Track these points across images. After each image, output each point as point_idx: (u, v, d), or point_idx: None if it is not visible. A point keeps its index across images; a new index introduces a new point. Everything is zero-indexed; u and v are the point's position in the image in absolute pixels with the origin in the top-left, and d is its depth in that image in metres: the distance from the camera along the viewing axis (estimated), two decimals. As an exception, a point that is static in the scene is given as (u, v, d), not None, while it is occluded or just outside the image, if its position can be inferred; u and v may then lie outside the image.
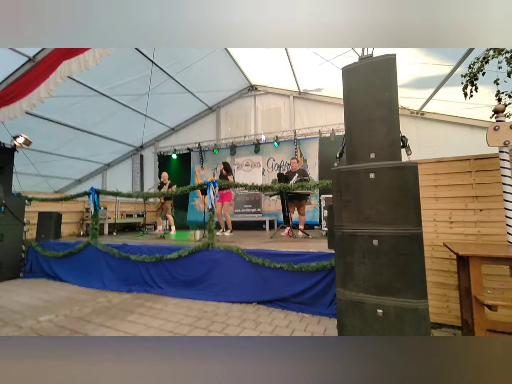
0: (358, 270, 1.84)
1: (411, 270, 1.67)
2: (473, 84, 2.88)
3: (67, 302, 3.34)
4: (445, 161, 2.44)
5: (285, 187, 3.80)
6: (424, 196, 2.22)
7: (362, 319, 1.81)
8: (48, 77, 4.38)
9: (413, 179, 1.73)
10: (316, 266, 2.85)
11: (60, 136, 6.96)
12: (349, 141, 2.09)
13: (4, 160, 4.78)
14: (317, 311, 2.80)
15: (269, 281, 3.07)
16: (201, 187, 4.01)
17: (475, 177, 2.32)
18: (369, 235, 1.83)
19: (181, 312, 2.92)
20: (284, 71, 6.51)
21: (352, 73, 2.09)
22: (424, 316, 1.62)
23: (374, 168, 1.83)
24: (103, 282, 3.98)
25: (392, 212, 1.76)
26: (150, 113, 7.40)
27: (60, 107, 5.99)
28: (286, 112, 7.70)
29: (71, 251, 4.40)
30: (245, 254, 3.26)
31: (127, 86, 6.22)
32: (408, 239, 1.69)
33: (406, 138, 1.97)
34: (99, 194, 4.58)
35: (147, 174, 9.22)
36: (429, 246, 2.40)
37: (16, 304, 3.28)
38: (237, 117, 8.33)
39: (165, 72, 6.25)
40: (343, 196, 1.97)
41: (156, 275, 3.75)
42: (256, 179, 7.42)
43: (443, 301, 2.38)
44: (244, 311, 2.93)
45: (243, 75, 7.42)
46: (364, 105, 2.00)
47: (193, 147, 8.34)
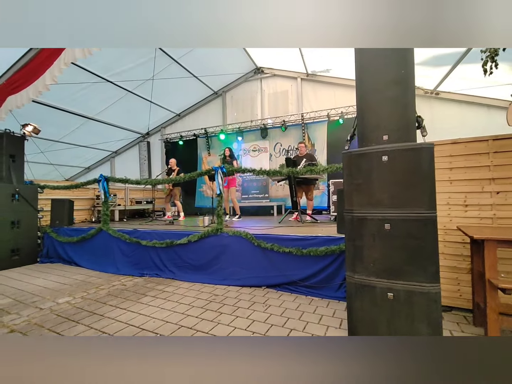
0: (368, 253, 1.83)
1: (424, 255, 1.64)
2: (493, 60, 2.71)
3: (83, 285, 3.48)
4: (461, 142, 2.34)
5: (293, 171, 3.75)
6: (438, 179, 2.15)
7: (371, 302, 1.82)
8: (52, 63, 4.34)
9: (429, 161, 1.67)
10: (325, 251, 2.85)
11: (67, 124, 7.00)
12: (361, 123, 2.01)
13: (15, 149, 4.86)
14: (326, 295, 2.84)
15: (278, 266, 3.11)
16: (209, 173, 4.01)
17: (493, 158, 2.22)
18: (380, 219, 1.80)
19: (192, 295, 3.00)
20: (291, 52, 6.26)
21: (365, 51, 1.99)
22: (436, 300, 1.61)
23: (388, 150, 1.77)
24: (117, 266, 4.10)
25: (406, 195, 1.72)
26: (155, 99, 7.33)
27: (66, 94, 5.98)
28: (294, 95, 7.49)
29: (84, 237, 4.53)
30: (253, 239, 3.28)
31: (131, 71, 6.12)
32: (422, 222, 1.65)
33: (422, 118, 1.89)
34: (108, 181, 4.64)
35: (154, 161, 9.26)
36: (442, 230, 2.35)
37: (35, 287, 3.44)
38: (243, 102, 8.16)
39: (169, 56, 6.11)
40: (354, 180, 1.92)
41: (167, 259, 3.84)
42: (264, 164, 7.36)
43: (455, 284, 2.37)
44: (254, 294, 2.99)
45: (249, 58, 7.19)
46: (378, 84, 1.91)
47: (199, 133, 8.27)
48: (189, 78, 7.05)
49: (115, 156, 9.55)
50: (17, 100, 4.70)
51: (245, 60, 7.25)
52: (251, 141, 7.79)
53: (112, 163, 9.57)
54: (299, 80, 7.34)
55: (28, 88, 4.56)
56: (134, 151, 9.45)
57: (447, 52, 4.52)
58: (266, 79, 7.86)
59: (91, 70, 5.70)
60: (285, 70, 7.48)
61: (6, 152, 4.68)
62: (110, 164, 9.58)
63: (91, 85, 6.01)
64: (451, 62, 4.70)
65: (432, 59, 4.76)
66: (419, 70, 5.06)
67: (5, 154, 4.67)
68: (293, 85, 7.48)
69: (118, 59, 5.72)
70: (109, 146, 8.85)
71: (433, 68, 5.06)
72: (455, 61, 4.63)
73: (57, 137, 7.29)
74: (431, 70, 5.11)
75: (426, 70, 5.12)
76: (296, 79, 7.38)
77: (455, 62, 4.63)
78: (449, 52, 4.49)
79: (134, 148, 9.46)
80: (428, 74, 5.25)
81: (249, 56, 7.11)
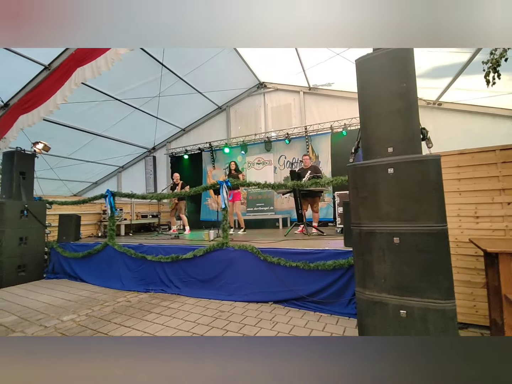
0: (378, 269, 1.78)
1: (437, 269, 1.59)
2: (495, 70, 2.72)
3: (88, 302, 3.44)
4: (468, 152, 2.32)
5: (298, 184, 3.75)
6: (447, 190, 2.11)
7: (384, 320, 1.75)
8: (63, 84, 4.51)
9: (436, 172, 1.65)
10: (333, 265, 2.79)
11: (76, 140, 7.18)
12: (364, 136, 2.01)
13: (25, 166, 4.97)
14: (335, 311, 2.75)
15: (285, 280, 3.04)
16: (214, 187, 4.03)
17: (501, 168, 2.19)
18: (389, 233, 1.76)
19: (197, 312, 2.94)
20: (293, 67, 6.41)
21: (366, 64, 2.02)
22: (452, 317, 1.55)
23: (393, 162, 1.76)
24: (122, 282, 4.07)
25: (414, 208, 1.68)
26: (161, 115, 7.50)
27: (75, 113, 6.17)
28: (296, 108, 7.60)
29: (90, 252, 4.54)
30: (259, 253, 3.24)
31: (138, 89, 6.31)
32: (433, 236, 1.61)
33: (427, 130, 1.88)
34: (115, 196, 4.69)
35: (160, 175, 9.37)
36: (454, 243, 2.29)
37: (40, 304, 3.41)
38: (247, 116, 8.30)
39: (174, 74, 6.30)
40: (360, 193, 1.90)
41: (172, 274, 3.80)
42: (268, 177, 7.38)
43: (470, 300, 2.27)
44: (260, 310, 2.92)
45: (252, 73, 7.37)
46: (380, 98, 1.92)
47: (204, 147, 8.39)
48: (194, 94, 7.23)
49: (122, 171, 9.70)
50: (29, 119, 4.87)
51: (248, 75, 7.43)
52: (256, 154, 7.85)
53: (119, 177, 9.71)
54: (301, 93, 7.46)
55: (39, 108, 4.73)
56: (140, 165, 9.60)
57: (447, 64, 4.56)
58: (269, 93, 8.02)
59: (100, 89, 5.90)
60: (288, 85, 7.63)
61: (16, 169, 4.79)
62: (117, 179, 9.72)
63: (100, 103, 6.20)
64: (452, 74, 4.73)
65: (432, 71, 4.80)
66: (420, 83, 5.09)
67: (16, 171, 4.78)
68: (296, 99, 7.61)
69: (126, 78, 5.92)
70: (116, 161, 9.02)
71: (433, 80, 5.10)
72: (455, 73, 4.66)
73: (66, 153, 7.47)
74: (432, 81, 5.15)
75: (427, 82, 5.17)
76: (298, 92, 7.51)
77: (456, 73, 4.66)
78: (449, 63, 4.53)
79: (141, 163, 9.61)
80: (429, 86, 5.29)
81: (252, 71, 7.29)
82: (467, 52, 4.16)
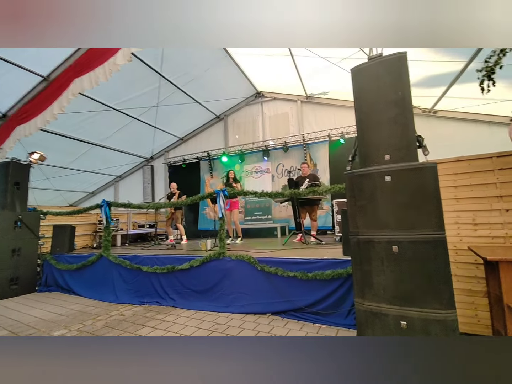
0: (377, 279, 1.73)
1: (436, 278, 1.55)
2: (490, 78, 2.75)
3: (80, 316, 3.34)
4: (465, 159, 2.31)
5: (295, 193, 3.72)
6: (444, 197, 2.09)
7: (384, 331, 1.70)
8: (61, 94, 4.52)
9: (433, 180, 1.63)
10: (331, 274, 2.73)
11: (73, 150, 7.16)
12: (361, 144, 2.01)
13: (20, 176, 4.93)
14: (334, 322, 2.68)
15: (283, 291, 2.97)
16: (210, 196, 3.99)
17: (499, 175, 2.18)
18: (387, 241, 1.73)
19: (193, 325, 2.86)
20: (290, 76, 6.49)
21: (362, 73, 2.03)
22: (453, 329, 1.50)
23: (390, 170, 1.74)
24: (116, 294, 3.97)
25: (412, 216, 1.66)
26: (159, 125, 7.53)
27: (73, 122, 6.18)
28: (294, 117, 7.66)
29: (84, 264, 4.44)
30: (257, 263, 3.18)
31: (136, 99, 6.35)
32: (431, 244, 1.58)
33: (422, 138, 1.87)
34: (111, 206, 4.64)
35: (158, 184, 9.33)
36: (453, 251, 2.25)
37: (31, 318, 3.31)
38: (245, 125, 8.35)
39: (173, 84, 6.36)
40: (358, 201, 1.88)
41: (168, 286, 3.71)
42: (266, 186, 7.35)
43: (471, 309, 2.22)
44: (258, 322, 2.83)
45: (249, 83, 7.46)
46: (376, 106, 1.92)
47: (202, 156, 8.39)
48: (192, 103, 7.29)
49: (119, 180, 9.66)
50: (25, 130, 4.86)
51: (245, 85, 7.52)
52: (253, 162, 7.86)
53: (116, 187, 9.66)
54: (299, 102, 7.54)
55: (36, 118, 4.72)
56: (138, 175, 9.57)
57: (442, 73, 4.63)
58: (266, 102, 8.09)
59: (98, 99, 5.93)
60: (285, 94, 7.71)
61: (11, 180, 4.75)
62: (114, 188, 9.67)
63: (98, 113, 6.22)
64: (446, 82, 4.80)
65: (427, 80, 4.87)
66: (415, 91, 5.15)
67: (10, 182, 4.74)
68: (293, 108, 7.68)
69: (124, 88, 5.96)
70: (113, 170, 8.99)
71: (428, 89, 5.17)
72: (450, 81, 4.73)
73: (63, 163, 7.44)
74: (427, 90, 5.22)
75: (422, 91, 5.23)
76: (296, 101, 7.59)
77: (450, 82, 4.73)
78: (444, 72, 4.60)
79: (138, 172, 9.58)
80: (425, 94, 5.36)
81: (250, 81, 7.38)
82: (461, 61, 4.22)
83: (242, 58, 6.23)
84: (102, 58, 4.08)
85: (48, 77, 4.76)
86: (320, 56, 5.03)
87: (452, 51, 4.07)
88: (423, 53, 4.17)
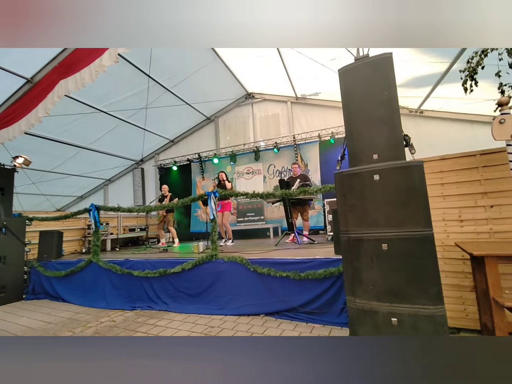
0: (368, 276, 1.76)
1: (425, 274, 1.58)
2: (472, 78, 2.83)
3: (69, 323, 3.25)
4: (450, 158, 2.37)
5: (287, 193, 3.73)
6: (431, 195, 2.14)
7: (375, 328, 1.72)
8: (45, 96, 4.41)
9: (419, 178, 1.67)
10: (324, 273, 2.75)
11: (60, 154, 6.99)
12: (350, 143, 2.03)
13: (5, 182, 4.78)
14: (327, 321, 2.69)
15: (276, 291, 2.98)
16: (202, 198, 3.96)
17: (482, 172, 2.24)
18: (376, 239, 1.75)
19: (186, 329, 2.82)
20: (280, 77, 6.53)
21: (349, 74, 2.06)
22: (442, 324, 1.53)
23: (378, 169, 1.77)
24: (106, 300, 3.89)
25: (400, 213, 1.69)
26: (149, 127, 7.43)
27: (59, 125, 6.02)
28: (284, 118, 7.70)
29: (73, 270, 4.33)
30: (249, 264, 3.17)
31: (125, 101, 6.26)
32: (419, 241, 1.61)
33: (409, 137, 1.91)
34: (99, 210, 4.54)
35: (148, 187, 9.21)
36: (440, 247, 2.30)
37: (19, 327, 3.20)
38: (236, 126, 8.34)
39: (162, 86, 6.29)
40: (348, 200, 1.90)
41: (160, 290, 3.66)
42: (258, 187, 7.36)
43: (459, 304, 2.27)
44: (252, 324, 2.83)
45: (239, 84, 7.46)
46: (364, 106, 1.95)
47: (193, 158, 8.34)
48: (182, 105, 7.23)
49: (109, 184, 9.49)
50: (9, 133, 4.71)
51: (236, 86, 7.51)
52: (245, 164, 7.85)
53: (105, 190, 9.48)
54: (289, 103, 7.58)
55: (20, 121, 4.59)
56: (128, 178, 9.42)
57: (427, 74, 4.75)
58: (257, 103, 8.11)
59: (84, 102, 5.81)
60: (275, 95, 7.75)
61: (-5, 185, 4.60)
62: (103, 192, 9.48)
63: (85, 115, 6.09)
64: (431, 83, 4.92)
65: (413, 80, 4.98)
66: (402, 91, 5.27)
67: (-6, 187, 4.59)
68: (284, 109, 7.72)
69: (112, 90, 5.86)
70: (102, 174, 8.82)
71: (414, 89, 5.28)
72: (435, 82, 4.85)
73: (50, 167, 7.25)
74: (414, 91, 5.34)
75: (409, 91, 5.35)
76: (286, 102, 7.63)
77: (435, 82, 4.85)
78: (429, 73, 4.72)
79: (128, 175, 9.43)
80: (411, 94, 5.48)
81: (240, 82, 7.38)
82: (445, 62, 4.34)
83: (232, 59, 6.23)
84: (88, 59, 4.00)
85: (32, 79, 4.63)
86: (309, 58, 5.07)
87: (437, 52, 4.17)
88: (410, 54, 4.26)
